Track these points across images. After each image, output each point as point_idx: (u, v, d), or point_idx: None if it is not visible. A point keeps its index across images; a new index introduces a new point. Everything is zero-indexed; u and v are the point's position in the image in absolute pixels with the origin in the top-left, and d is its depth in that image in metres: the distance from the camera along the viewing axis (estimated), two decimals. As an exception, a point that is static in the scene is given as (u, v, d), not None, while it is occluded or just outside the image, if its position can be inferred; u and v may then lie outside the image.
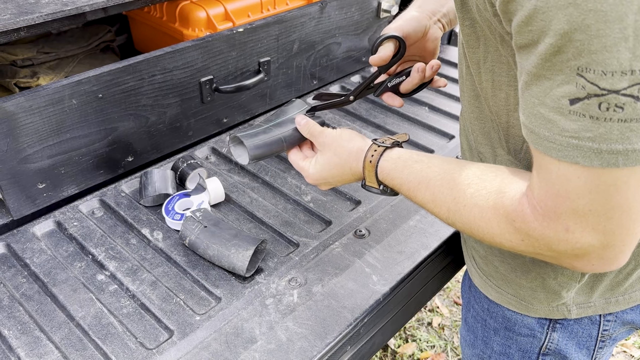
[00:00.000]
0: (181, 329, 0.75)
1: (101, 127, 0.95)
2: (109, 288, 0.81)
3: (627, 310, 0.72)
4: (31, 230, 0.90)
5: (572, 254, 0.49)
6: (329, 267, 0.85)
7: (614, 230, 0.46)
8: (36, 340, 0.73)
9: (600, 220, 0.46)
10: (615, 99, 0.40)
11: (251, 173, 1.06)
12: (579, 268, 0.51)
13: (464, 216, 0.57)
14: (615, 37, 0.38)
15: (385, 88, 0.79)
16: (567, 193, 0.46)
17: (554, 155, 0.45)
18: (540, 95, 0.44)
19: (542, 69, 0.43)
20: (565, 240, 0.48)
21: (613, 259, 0.49)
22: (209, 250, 0.84)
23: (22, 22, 0.83)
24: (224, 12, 1.18)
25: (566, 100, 0.42)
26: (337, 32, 1.29)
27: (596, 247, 0.47)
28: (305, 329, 0.75)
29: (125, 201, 0.97)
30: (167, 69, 0.99)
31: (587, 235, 0.47)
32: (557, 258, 0.51)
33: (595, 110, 0.41)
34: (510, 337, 0.76)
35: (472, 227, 0.56)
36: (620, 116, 0.40)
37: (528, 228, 0.50)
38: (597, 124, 0.42)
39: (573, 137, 0.43)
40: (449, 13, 0.80)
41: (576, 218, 0.46)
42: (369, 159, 0.68)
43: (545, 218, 0.48)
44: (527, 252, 0.53)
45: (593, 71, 0.40)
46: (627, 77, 0.39)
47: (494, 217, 0.53)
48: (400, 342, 1.63)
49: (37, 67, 1.17)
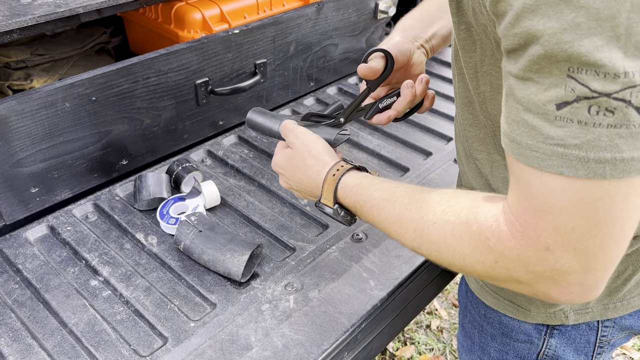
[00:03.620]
0: (175, 335, 0.74)
1: (95, 130, 0.94)
2: (103, 294, 0.80)
3: (625, 316, 0.71)
4: (24, 235, 0.89)
5: (550, 276, 0.45)
6: (325, 272, 0.84)
7: (596, 252, 0.43)
8: (28, 348, 0.72)
9: (583, 238, 0.42)
10: (606, 103, 0.38)
11: (247, 176, 1.05)
12: (555, 296, 0.46)
13: (432, 235, 0.52)
14: (607, 36, 0.37)
15: (377, 110, 0.75)
16: (549, 207, 0.42)
17: (536, 165, 0.42)
18: (525, 100, 0.42)
19: (530, 71, 0.41)
20: (544, 260, 0.44)
21: (592, 285, 0.45)
22: (204, 255, 0.83)
23: (15, 24, 0.82)
24: (219, 13, 1.17)
25: (552, 105, 0.40)
26: (334, 34, 1.29)
27: (576, 270, 0.44)
28: (302, 336, 0.74)
29: (119, 205, 0.96)
30: (162, 71, 0.98)
31: (568, 255, 0.43)
32: (532, 283, 0.47)
33: (584, 115, 0.38)
34: (507, 343, 0.76)
35: (441, 248, 0.52)
36: (610, 121, 0.38)
37: (503, 247, 0.46)
38: (585, 130, 0.39)
39: (558, 145, 0.40)
40: (432, 39, 0.77)
41: (557, 236, 0.43)
42: (333, 172, 0.65)
43: (524, 236, 0.44)
44: (499, 277, 0.48)
45: (585, 71, 0.38)
46: (620, 80, 0.37)
47: (465, 235, 0.49)
48: (399, 345, 1.63)
49: (30, 69, 1.16)
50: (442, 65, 1.46)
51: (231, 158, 1.10)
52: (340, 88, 1.37)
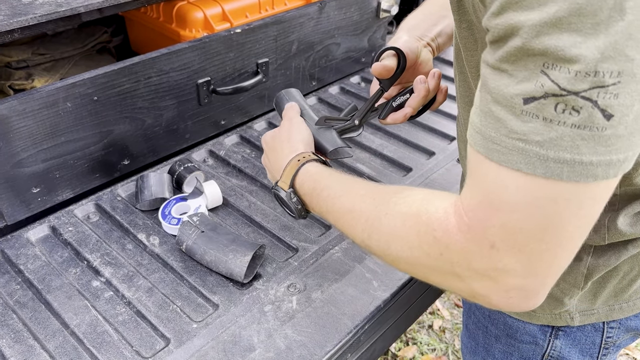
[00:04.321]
0: (178, 337, 0.74)
1: (96, 130, 0.93)
2: (105, 295, 0.80)
3: (631, 317, 0.71)
4: (25, 235, 0.88)
5: (491, 276, 0.43)
6: (328, 273, 0.84)
7: (541, 257, 0.41)
8: (30, 349, 0.72)
9: (529, 241, 0.41)
10: (573, 101, 0.37)
11: (249, 176, 1.05)
12: (493, 299, 0.45)
13: (383, 226, 0.51)
14: (586, 33, 0.36)
15: (390, 108, 0.74)
16: (500, 204, 0.41)
17: (495, 158, 0.41)
18: (495, 91, 0.40)
19: (506, 62, 0.40)
20: (487, 258, 0.43)
21: (532, 292, 0.43)
22: (206, 256, 0.82)
23: (16, 23, 0.82)
24: (221, 12, 1.17)
25: (520, 99, 0.39)
26: (337, 33, 1.28)
27: (518, 273, 0.42)
28: (305, 337, 0.74)
29: (121, 205, 0.95)
30: (164, 70, 0.97)
31: (511, 256, 0.42)
32: (472, 282, 0.45)
33: (550, 112, 0.37)
34: (512, 344, 0.75)
35: (390, 240, 0.51)
36: (575, 121, 0.37)
37: (449, 240, 0.45)
38: (549, 128, 0.38)
39: (520, 140, 0.39)
40: (437, 37, 0.77)
41: (504, 234, 0.41)
42: (298, 158, 0.67)
43: (471, 230, 0.43)
44: (442, 272, 0.47)
45: (559, 68, 0.36)
46: (589, 79, 0.36)
47: (415, 225, 0.48)
48: (401, 345, 1.62)
49: (32, 69, 1.15)
50: (444, 64, 1.45)
51: (233, 158, 1.09)
52: (342, 87, 1.36)
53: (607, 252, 0.63)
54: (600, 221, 0.60)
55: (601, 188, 0.40)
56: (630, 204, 0.58)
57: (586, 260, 0.64)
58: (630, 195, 0.58)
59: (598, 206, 0.42)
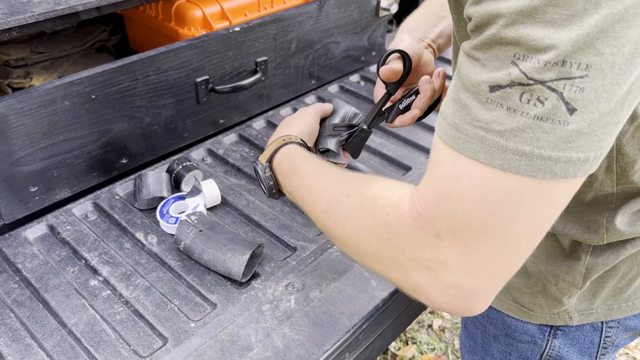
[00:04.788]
0: (175, 336, 0.74)
1: (95, 129, 0.93)
2: (102, 294, 0.80)
3: (629, 317, 0.70)
4: (23, 234, 0.88)
5: (431, 268, 0.43)
6: (327, 272, 0.84)
7: (484, 255, 0.40)
8: (27, 348, 0.72)
9: (475, 234, 0.40)
10: (539, 91, 0.36)
11: (248, 175, 1.05)
12: (432, 294, 0.44)
13: (343, 205, 0.51)
14: (560, 25, 0.35)
15: (397, 111, 0.74)
16: (452, 193, 0.40)
17: (455, 146, 0.40)
18: (465, 78, 0.40)
19: (480, 50, 0.39)
20: (431, 247, 0.42)
21: (471, 294, 0.42)
22: (204, 255, 0.82)
23: (14, 22, 0.82)
24: (220, 10, 1.17)
25: (486, 86, 0.38)
26: (336, 31, 1.28)
27: (458, 268, 0.41)
28: (303, 336, 0.74)
29: (119, 204, 0.95)
30: (162, 69, 0.97)
31: (455, 249, 0.41)
32: (412, 272, 0.44)
33: (514, 101, 0.37)
34: (510, 343, 0.75)
35: (347, 221, 0.51)
36: (538, 112, 0.36)
37: (398, 224, 0.44)
38: (511, 117, 0.37)
39: (482, 129, 0.38)
40: (438, 38, 0.77)
41: (451, 225, 0.40)
42: (284, 137, 0.68)
43: (420, 217, 0.42)
44: (384, 260, 0.47)
45: (529, 59, 0.36)
46: (557, 68, 0.35)
47: (371, 208, 0.48)
48: (401, 345, 1.62)
49: (30, 67, 1.15)
50: (444, 62, 1.45)
51: (232, 157, 1.09)
52: (342, 86, 1.36)
53: (606, 251, 0.62)
54: (599, 221, 0.60)
55: (558, 188, 0.39)
56: (627, 203, 0.58)
57: (585, 259, 0.63)
58: (627, 194, 0.57)
59: (552, 210, 0.40)
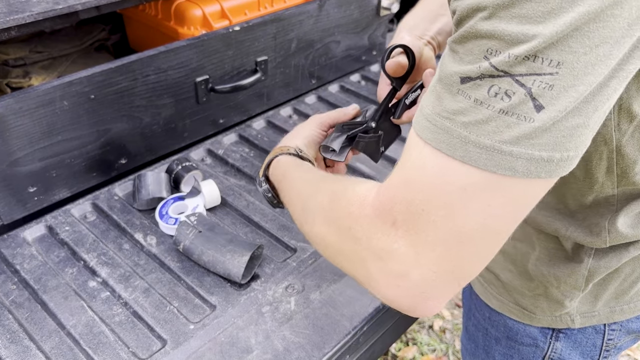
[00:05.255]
0: (174, 338, 0.73)
1: (94, 129, 0.92)
2: (101, 295, 0.79)
3: (632, 319, 0.70)
4: (22, 235, 0.88)
5: (383, 257, 0.42)
6: (327, 273, 0.83)
7: (434, 246, 0.40)
8: (25, 350, 0.72)
9: (428, 226, 0.39)
10: (508, 84, 0.35)
11: (248, 176, 1.04)
12: (382, 285, 0.44)
13: (316, 201, 0.52)
14: (535, 21, 0.34)
15: (404, 107, 0.72)
16: (411, 181, 0.40)
17: (424, 136, 0.40)
18: (441, 68, 0.40)
19: (458, 43, 0.39)
20: (386, 236, 0.42)
21: (419, 288, 0.41)
22: (203, 256, 0.81)
23: (13, 21, 0.81)
24: (220, 10, 1.16)
25: (458, 77, 0.38)
26: (336, 31, 1.27)
27: (407, 259, 0.41)
28: (303, 339, 0.73)
29: (118, 205, 0.95)
30: (162, 68, 0.96)
31: (407, 238, 0.40)
32: (367, 263, 0.44)
33: (482, 94, 0.36)
34: (512, 346, 0.74)
35: (316, 214, 0.51)
36: (503, 106, 0.35)
37: (360, 213, 0.44)
38: (477, 110, 0.36)
39: (448, 119, 0.38)
40: (437, 35, 0.76)
41: (407, 213, 0.40)
42: (278, 150, 0.68)
43: (380, 205, 0.42)
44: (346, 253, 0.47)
45: (500, 54, 0.35)
46: (528, 63, 0.35)
47: (337, 200, 0.48)
48: (401, 346, 1.62)
49: (29, 66, 1.14)
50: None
51: (232, 157, 1.09)
52: (342, 86, 1.35)
53: (609, 254, 0.62)
54: (600, 223, 0.59)
55: (520, 187, 0.38)
56: (629, 205, 0.57)
57: (587, 262, 0.63)
58: (629, 195, 0.57)
59: (513, 209, 0.39)
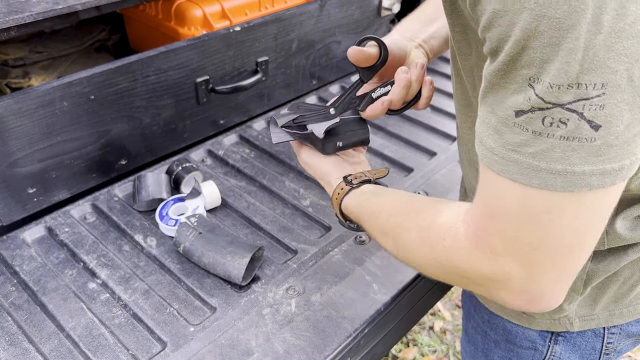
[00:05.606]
0: (174, 340, 0.73)
1: (93, 130, 0.92)
2: (101, 297, 0.79)
3: (632, 323, 0.70)
4: (21, 236, 0.88)
5: (496, 279, 0.46)
6: (328, 275, 0.83)
7: (539, 263, 0.43)
8: (25, 352, 0.71)
9: (526, 248, 0.42)
10: (559, 113, 0.38)
11: (248, 176, 1.04)
12: (507, 300, 0.47)
13: (404, 240, 0.55)
14: (567, 47, 0.36)
15: (369, 100, 0.71)
16: (498, 212, 0.43)
17: (495, 168, 0.42)
18: (494, 103, 0.42)
19: (498, 76, 0.41)
20: (491, 263, 0.45)
21: (538, 296, 0.45)
22: (204, 258, 0.81)
23: (12, 21, 0.81)
24: (220, 10, 1.16)
25: (512, 112, 0.40)
26: (337, 31, 1.27)
27: (519, 279, 0.44)
28: (303, 341, 0.73)
29: (118, 206, 0.94)
30: (162, 69, 0.96)
31: (511, 262, 0.44)
32: (483, 284, 0.48)
33: (538, 125, 0.39)
34: (511, 349, 0.74)
35: (409, 250, 0.54)
36: (563, 133, 0.38)
37: (456, 247, 0.47)
38: (539, 140, 0.39)
39: (515, 151, 0.41)
40: (431, 39, 0.76)
41: (503, 241, 0.44)
42: (335, 196, 0.69)
43: (475, 237, 0.46)
44: (454, 277, 0.50)
45: (542, 82, 0.38)
46: (572, 91, 0.37)
47: (427, 237, 0.51)
48: (402, 347, 1.62)
49: (29, 67, 1.14)
50: (445, 62, 1.44)
51: (232, 158, 1.08)
52: (343, 86, 1.35)
53: (607, 257, 0.62)
54: None
55: (599, 196, 0.41)
56: (628, 208, 0.57)
57: (586, 265, 0.63)
58: (629, 200, 0.57)
59: (600, 213, 0.43)
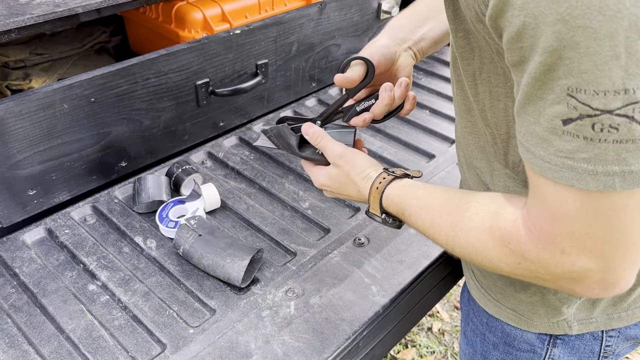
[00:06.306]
0: (174, 342, 0.73)
1: (94, 132, 0.92)
2: (100, 299, 0.79)
3: (630, 326, 0.70)
4: (21, 238, 0.88)
5: (570, 277, 0.47)
6: (327, 277, 0.83)
7: (612, 254, 0.44)
8: (24, 354, 0.71)
9: (597, 243, 0.44)
10: (609, 119, 0.38)
11: (248, 179, 1.04)
12: (580, 293, 0.49)
13: (462, 240, 0.56)
14: (606, 55, 0.37)
15: (354, 112, 0.75)
16: (563, 216, 0.44)
17: (549, 176, 0.43)
18: (535, 114, 0.43)
19: (534, 88, 0.42)
20: (562, 263, 0.46)
21: (614, 283, 0.47)
22: (203, 260, 0.81)
23: (13, 23, 0.81)
24: (220, 13, 1.16)
25: (559, 121, 0.41)
26: (337, 34, 1.27)
27: (594, 271, 0.46)
28: (302, 343, 0.73)
29: (118, 208, 0.95)
30: (162, 72, 0.96)
31: (584, 258, 0.45)
32: (556, 282, 0.49)
33: (588, 131, 0.39)
34: (509, 352, 0.74)
35: (470, 252, 0.55)
36: (615, 137, 0.39)
37: (523, 250, 0.49)
38: (592, 145, 0.40)
39: (568, 158, 0.41)
40: (421, 41, 0.76)
41: (572, 241, 0.45)
42: (376, 185, 0.67)
43: (541, 240, 0.47)
44: (525, 277, 0.52)
45: (584, 91, 0.38)
46: (620, 97, 0.38)
47: (490, 240, 0.52)
48: (400, 348, 1.62)
49: (29, 69, 1.14)
50: (445, 65, 1.44)
51: (232, 160, 1.09)
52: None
53: (606, 260, 0.62)
54: None
55: None
56: None
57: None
58: None
59: None
